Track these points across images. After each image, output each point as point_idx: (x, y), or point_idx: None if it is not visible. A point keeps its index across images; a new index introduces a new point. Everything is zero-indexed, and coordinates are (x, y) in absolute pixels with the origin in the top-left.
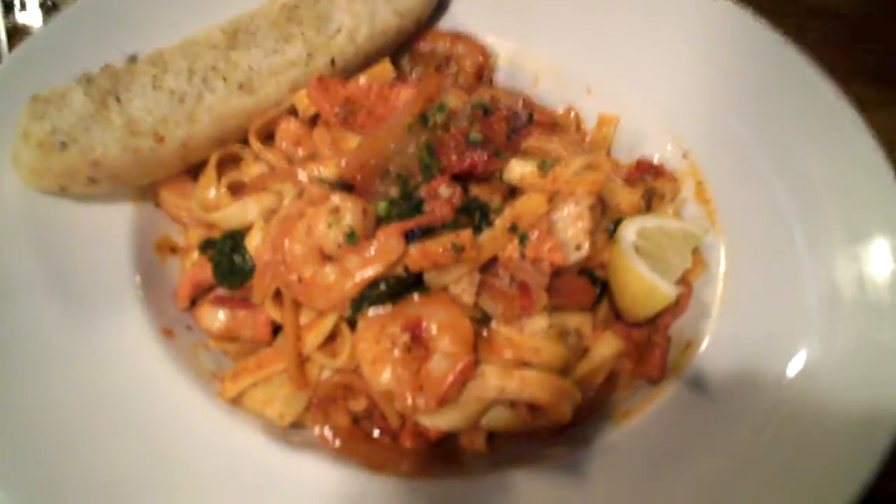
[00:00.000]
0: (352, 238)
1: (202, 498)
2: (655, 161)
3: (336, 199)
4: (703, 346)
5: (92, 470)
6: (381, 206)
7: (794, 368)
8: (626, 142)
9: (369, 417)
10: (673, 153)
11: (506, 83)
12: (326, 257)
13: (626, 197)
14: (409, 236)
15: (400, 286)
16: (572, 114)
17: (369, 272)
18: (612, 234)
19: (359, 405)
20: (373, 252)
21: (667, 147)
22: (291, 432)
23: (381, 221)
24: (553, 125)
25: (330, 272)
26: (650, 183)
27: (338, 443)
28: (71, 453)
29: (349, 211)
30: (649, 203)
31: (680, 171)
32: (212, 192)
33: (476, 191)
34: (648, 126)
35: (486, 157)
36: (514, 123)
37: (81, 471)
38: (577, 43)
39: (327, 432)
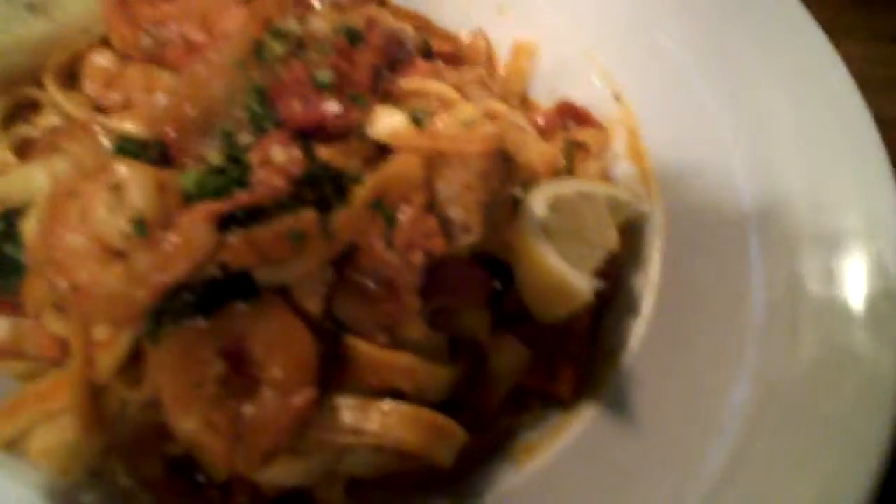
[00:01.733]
0: (141, 227)
1: None
2: (579, 104)
3: (121, 169)
4: (630, 355)
5: None
6: (188, 177)
7: (746, 388)
8: (546, 78)
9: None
10: (601, 93)
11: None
12: (115, 253)
13: (540, 152)
14: (228, 221)
15: (215, 293)
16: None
17: (166, 276)
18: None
19: (177, 448)
20: (171, 246)
21: (594, 85)
22: (84, 487)
23: (190, 199)
24: (456, 57)
25: (113, 276)
26: (572, 133)
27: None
28: None
29: (135, 186)
30: (570, 159)
31: (610, 117)
32: None
33: (327, 154)
34: (572, 57)
35: (340, 106)
36: (394, 55)
37: None
38: None
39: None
